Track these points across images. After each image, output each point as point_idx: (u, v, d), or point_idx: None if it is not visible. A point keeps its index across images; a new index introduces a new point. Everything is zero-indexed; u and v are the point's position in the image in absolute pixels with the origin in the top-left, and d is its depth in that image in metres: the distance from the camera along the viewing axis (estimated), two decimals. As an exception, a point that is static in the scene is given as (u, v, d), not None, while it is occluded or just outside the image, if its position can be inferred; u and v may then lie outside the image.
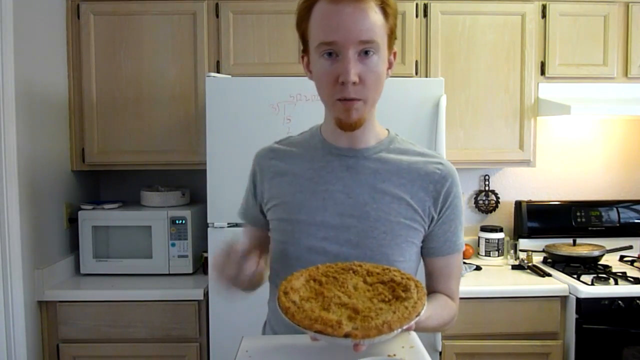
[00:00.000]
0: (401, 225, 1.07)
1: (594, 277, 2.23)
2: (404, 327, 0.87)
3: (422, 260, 1.17)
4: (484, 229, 2.66)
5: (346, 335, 0.84)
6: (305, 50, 1.06)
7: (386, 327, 0.85)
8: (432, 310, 1.02)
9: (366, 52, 0.97)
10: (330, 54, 0.98)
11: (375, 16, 0.97)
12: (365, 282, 0.99)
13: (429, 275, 1.17)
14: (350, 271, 1.00)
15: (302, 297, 0.94)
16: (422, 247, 1.13)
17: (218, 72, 2.36)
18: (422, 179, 1.09)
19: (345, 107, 1.00)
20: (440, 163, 1.11)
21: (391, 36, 1.02)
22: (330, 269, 1.01)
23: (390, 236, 1.06)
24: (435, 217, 1.10)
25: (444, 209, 1.10)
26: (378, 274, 1.00)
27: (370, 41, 0.97)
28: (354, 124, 1.02)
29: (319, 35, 0.98)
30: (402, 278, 0.97)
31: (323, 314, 0.87)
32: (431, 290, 1.14)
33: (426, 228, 1.11)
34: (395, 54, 1.07)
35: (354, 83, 0.97)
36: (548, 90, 2.46)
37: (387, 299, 0.94)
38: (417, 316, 0.89)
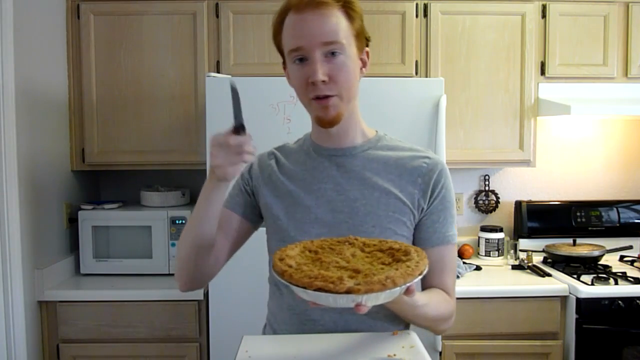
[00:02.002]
0: (390, 219, 1.10)
1: (594, 277, 2.22)
2: (408, 284, 0.85)
3: None
4: (484, 229, 2.66)
5: (348, 291, 0.81)
6: (284, 62, 1.14)
7: (390, 282, 0.82)
8: (429, 299, 1.04)
9: (332, 53, 1.04)
10: (301, 60, 1.06)
11: (337, 19, 1.04)
12: (362, 251, 0.98)
13: None
14: (346, 243, 1.00)
15: (299, 262, 0.92)
16: (413, 240, 1.15)
17: (218, 72, 2.36)
18: (410, 173, 1.13)
19: (322, 105, 1.06)
20: (427, 157, 1.15)
21: (359, 37, 1.08)
22: (325, 242, 1.00)
23: (379, 229, 1.09)
24: (425, 208, 1.13)
25: (432, 199, 1.13)
26: (375, 245, 1.00)
27: (333, 42, 1.03)
28: (332, 119, 1.08)
29: (288, 43, 1.07)
30: (401, 245, 0.97)
31: (323, 272, 0.85)
32: (426, 287, 1.15)
33: (416, 221, 1.13)
34: (367, 53, 1.12)
35: (324, 82, 1.03)
36: (548, 90, 2.46)
37: (387, 262, 0.93)
38: (420, 275, 0.88)
